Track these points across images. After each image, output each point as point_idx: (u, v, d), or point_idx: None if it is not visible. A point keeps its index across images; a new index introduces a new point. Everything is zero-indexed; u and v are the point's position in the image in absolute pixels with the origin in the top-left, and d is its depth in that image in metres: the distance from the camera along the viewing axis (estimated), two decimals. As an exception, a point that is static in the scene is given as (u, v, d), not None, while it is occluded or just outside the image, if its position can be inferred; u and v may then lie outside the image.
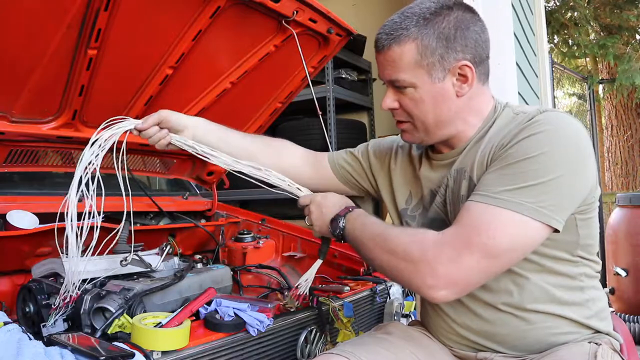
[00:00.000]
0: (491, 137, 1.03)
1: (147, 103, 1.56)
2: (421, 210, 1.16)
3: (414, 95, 1.02)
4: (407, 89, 1.02)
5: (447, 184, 1.08)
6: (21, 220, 1.44)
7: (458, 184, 1.05)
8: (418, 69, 1.00)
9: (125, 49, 1.35)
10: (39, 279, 1.19)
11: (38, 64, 1.27)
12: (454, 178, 1.07)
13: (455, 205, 1.05)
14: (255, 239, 1.91)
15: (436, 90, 1.01)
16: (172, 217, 1.95)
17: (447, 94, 1.01)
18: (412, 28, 0.99)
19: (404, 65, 1.00)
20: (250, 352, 1.13)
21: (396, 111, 1.08)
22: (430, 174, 1.14)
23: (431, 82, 1.00)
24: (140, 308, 1.13)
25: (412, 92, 1.02)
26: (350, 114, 4.18)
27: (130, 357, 0.89)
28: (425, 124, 1.05)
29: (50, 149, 1.61)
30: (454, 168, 1.07)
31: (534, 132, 0.93)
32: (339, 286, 1.45)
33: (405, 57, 1.00)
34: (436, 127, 1.05)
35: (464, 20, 1.00)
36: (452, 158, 1.09)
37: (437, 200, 1.11)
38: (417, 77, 1.00)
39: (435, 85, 1.01)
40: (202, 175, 2.09)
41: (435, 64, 0.99)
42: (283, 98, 1.88)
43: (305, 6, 1.48)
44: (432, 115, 1.03)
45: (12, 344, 0.83)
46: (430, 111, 1.03)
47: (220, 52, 1.57)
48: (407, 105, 1.04)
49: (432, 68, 0.99)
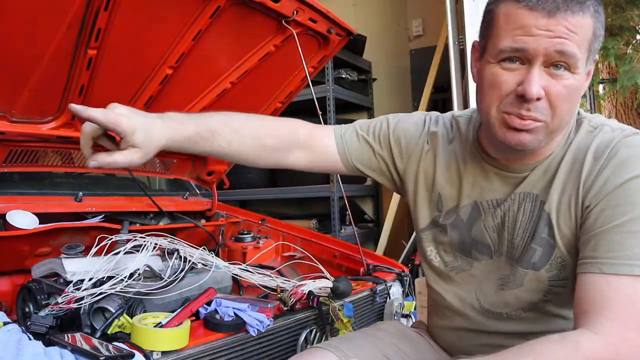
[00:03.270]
0: (572, 164, 0.87)
1: (147, 103, 1.56)
2: (455, 220, 1.00)
3: (571, 82, 0.80)
4: (564, 72, 0.79)
5: (509, 207, 0.93)
6: (21, 220, 1.44)
7: (526, 213, 0.91)
8: (586, 51, 0.80)
9: (125, 49, 1.35)
10: (39, 279, 1.19)
11: (38, 64, 1.27)
12: (517, 203, 0.92)
13: (509, 237, 0.93)
14: (255, 239, 1.91)
15: (582, 84, 0.82)
16: (172, 217, 1.95)
17: (582, 92, 0.83)
18: (588, 1, 0.78)
19: (580, 39, 0.78)
20: (250, 352, 1.12)
21: (535, 104, 0.81)
22: (483, 182, 0.96)
23: (584, 72, 0.82)
24: (140, 308, 1.13)
25: (569, 77, 0.80)
26: (350, 114, 4.18)
27: (130, 357, 0.89)
28: (561, 124, 0.84)
29: (50, 149, 1.61)
30: (519, 191, 0.92)
31: (636, 173, 0.79)
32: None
33: (584, 30, 0.78)
34: (560, 131, 0.86)
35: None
36: (519, 174, 0.92)
37: (488, 221, 0.96)
38: (583, 60, 0.80)
39: (582, 77, 0.82)
40: (202, 175, 2.09)
41: (593, 53, 0.81)
42: (283, 98, 1.88)
43: (305, 6, 1.48)
44: (570, 115, 0.84)
45: (12, 344, 0.83)
46: (574, 108, 0.84)
47: (220, 52, 1.57)
48: (558, 94, 0.80)
49: (590, 56, 0.81)
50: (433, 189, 1.04)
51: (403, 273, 1.69)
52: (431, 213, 1.05)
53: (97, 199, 1.76)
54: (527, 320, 0.97)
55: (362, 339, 1.08)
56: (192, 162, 2.03)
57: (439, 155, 1.03)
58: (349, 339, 1.08)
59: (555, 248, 0.90)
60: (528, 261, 0.93)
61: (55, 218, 1.51)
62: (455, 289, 1.05)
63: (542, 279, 0.92)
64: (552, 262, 0.91)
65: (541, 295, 0.94)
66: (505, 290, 0.97)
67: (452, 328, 1.07)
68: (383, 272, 1.67)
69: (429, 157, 1.05)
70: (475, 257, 1.01)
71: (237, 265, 1.44)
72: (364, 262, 1.71)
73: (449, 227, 1.02)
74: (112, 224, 1.57)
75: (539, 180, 0.91)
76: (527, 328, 0.97)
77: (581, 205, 0.85)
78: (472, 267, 1.02)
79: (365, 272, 1.68)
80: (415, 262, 3.10)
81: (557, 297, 0.94)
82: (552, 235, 0.89)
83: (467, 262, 1.03)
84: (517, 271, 0.95)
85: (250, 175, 3.90)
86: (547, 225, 0.89)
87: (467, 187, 0.99)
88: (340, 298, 1.33)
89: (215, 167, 2.05)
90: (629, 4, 4.24)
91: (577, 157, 0.87)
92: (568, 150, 0.89)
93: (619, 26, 4.58)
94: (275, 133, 1.06)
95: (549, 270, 0.92)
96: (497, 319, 1.00)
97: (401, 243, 3.44)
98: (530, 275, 0.93)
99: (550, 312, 0.96)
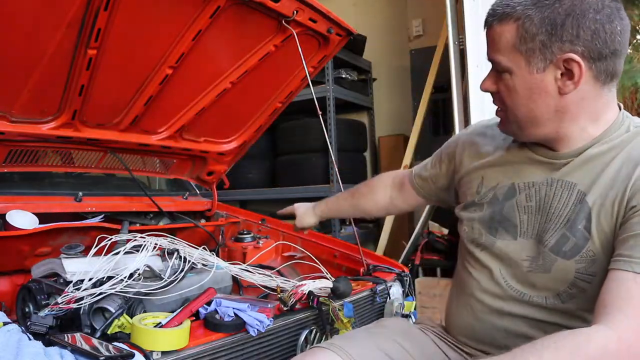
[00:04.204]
0: (623, 163, 0.90)
1: (147, 103, 1.56)
2: (492, 198, 1.05)
3: (509, 82, 0.93)
4: (504, 74, 0.94)
5: (540, 190, 0.98)
6: (21, 220, 1.44)
7: (562, 200, 0.95)
8: (515, 53, 0.90)
9: (125, 48, 1.35)
10: (39, 279, 1.19)
11: (38, 64, 1.27)
12: (554, 189, 0.96)
13: (542, 220, 0.97)
14: (255, 239, 1.91)
15: (533, 82, 0.91)
16: (172, 217, 1.95)
17: (546, 88, 0.90)
18: (517, 7, 0.89)
19: (502, 46, 0.92)
20: (250, 352, 1.12)
21: (495, 96, 0.99)
22: (521, 166, 1.02)
23: (529, 71, 0.90)
24: (140, 308, 1.13)
25: (507, 78, 0.93)
26: (350, 114, 4.18)
27: (130, 357, 0.89)
28: (517, 118, 0.96)
29: (50, 149, 1.61)
30: (557, 177, 0.96)
31: None
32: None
33: (504, 38, 0.91)
34: (529, 124, 0.95)
35: (584, 6, 0.86)
36: (555, 160, 0.97)
37: (520, 200, 1.01)
38: (514, 62, 0.91)
39: (533, 76, 0.90)
40: (202, 175, 2.09)
41: (534, 52, 0.89)
42: (283, 98, 1.87)
43: (305, 6, 1.48)
44: (525, 110, 0.93)
45: (11, 344, 0.83)
46: (522, 104, 0.93)
47: (220, 52, 1.57)
48: (502, 91, 0.96)
49: (531, 55, 0.89)
50: (476, 173, 1.11)
51: (403, 273, 1.69)
52: (472, 194, 1.10)
53: (97, 199, 1.76)
54: (549, 310, 0.98)
55: (363, 337, 1.08)
56: (192, 162, 2.03)
57: (481, 145, 1.13)
58: (350, 337, 1.08)
59: (589, 241, 0.91)
60: (559, 248, 0.95)
61: (55, 218, 1.51)
62: (481, 267, 1.07)
63: (570, 269, 0.94)
64: (583, 255, 0.92)
65: (566, 287, 0.95)
66: (533, 273, 0.99)
67: (473, 309, 1.08)
68: (383, 272, 1.67)
69: (472, 148, 1.15)
70: (501, 235, 1.03)
71: (237, 265, 1.44)
72: (364, 262, 1.71)
73: (486, 204, 1.07)
74: (112, 224, 1.57)
75: (580, 171, 0.94)
76: (546, 318, 0.98)
77: (625, 204, 0.87)
78: (494, 245, 1.04)
79: (365, 272, 1.68)
80: (415, 262, 3.10)
81: (582, 294, 0.94)
82: (589, 229, 0.91)
83: (490, 240, 1.05)
84: (546, 255, 0.97)
85: (250, 175, 3.90)
86: (586, 218, 0.91)
87: (508, 170, 1.04)
88: (340, 298, 1.33)
89: (215, 167, 2.05)
90: (629, 3, 4.24)
91: (632, 159, 0.89)
92: (622, 151, 0.91)
93: (619, 26, 4.58)
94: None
95: (578, 262, 0.93)
96: (519, 301, 1.01)
97: (401, 243, 3.44)
98: (559, 263, 0.95)
99: (573, 310, 0.96)
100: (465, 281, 1.12)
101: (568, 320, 0.96)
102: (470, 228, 1.10)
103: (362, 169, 4.03)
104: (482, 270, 1.07)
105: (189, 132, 1.80)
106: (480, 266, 1.08)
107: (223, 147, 1.96)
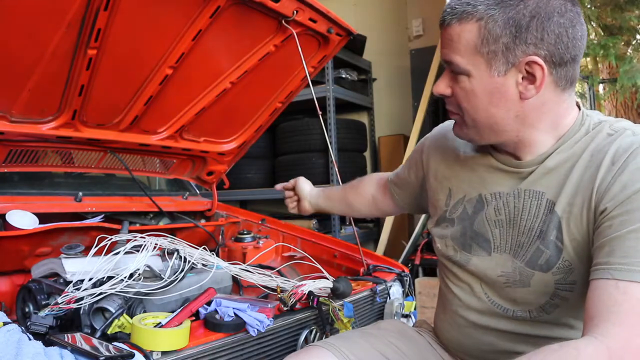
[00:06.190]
0: (586, 167, 0.87)
1: (147, 103, 1.56)
2: (462, 213, 1.02)
3: (467, 85, 0.89)
4: (461, 76, 0.89)
5: (509, 203, 0.95)
6: (21, 220, 1.44)
7: (532, 211, 0.92)
8: (476, 55, 0.86)
9: (125, 48, 1.35)
10: (39, 279, 1.19)
11: (38, 64, 1.27)
12: (523, 200, 0.93)
13: (514, 234, 0.94)
14: (255, 239, 1.91)
15: (493, 85, 0.87)
16: (172, 217, 1.95)
17: (507, 92, 0.87)
18: (479, 6, 0.85)
19: (461, 47, 0.87)
20: (250, 352, 1.12)
21: (448, 99, 0.95)
22: (487, 175, 0.99)
23: (489, 74, 0.86)
24: (140, 308, 1.13)
25: (465, 80, 0.89)
26: (350, 113, 4.18)
27: (130, 357, 0.89)
28: (476, 122, 0.92)
29: (50, 149, 1.61)
30: (523, 187, 0.93)
31: None
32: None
33: (464, 39, 0.86)
34: (488, 129, 0.91)
35: (549, 8, 0.83)
36: (520, 169, 0.94)
37: (490, 213, 0.97)
38: (474, 64, 0.87)
39: (493, 79, 0.86)
40: (202, 175, 2.09)
41: (497, 54, 0.85)
42: (283, 98, 1.87)
43: (305, 6, 1.48)
44: (484, 114, 0.89)
45: (11, 344, 0.83)
46: (482, 108, 0.89)
47: (220, 52, 1.57)
48: (458, 94, 0.91)
49: (492, 58, 0.85)
50: (443, 183, 1.08)
51: (403, 273, 1.69)
52: (442, 207, 1.08)
53: (97, 199, 1.76)
54: (534, 323, 0.97)
55: (360, 337, 1.08)
56: (192, 162, 2.03)
57: (445, 150, 1.10)
58: (346, 337, 1.08)
59: (563, 251, 0.89)
60: (535, 262, 0.92)
61: (55, 218, 1.52)
62: (461, 283, 1.05)
63: (549, 282, 0.92)
64: (559, 266, 0.90)
65: (548, 298, 0.94)
66: (511, 288, 0.97)
67: (458, 325, 1.07)
68: (383, 272, 1.67)
69: (437, 154, 1.13)
70: (475, 252, 1.01)
71: (237, 265, 1.44)
72: (364, 262, 1.71)
73: (457, 219, 1.03)
74: (112, 224, 1.57)
75: (546, 178, 0.91)
76: (532, 331, 0.97)
77: (594, 209, 0.84)
78: (469, 263, 1.02)
79: (365, 272, 1.68)
80: (415, 262, 3.10)
81: (565, 303, 0.93)
82: (561, 239, 0.88)
83: (465, 257, 1.03)
84: (523, 270, 0.95)
85: (250, 175, 3.91)
86: (557, 229, 0.89)
87: (473, 180, 1.01)
88: (340, 298, 1.33)
89: (215, 167, 2.05)
90: (629, 4, 4.24)
91: (594, 160, 0.86)
92: (584, 153, 0.88)
93: (619, 26, 4.59)
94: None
95: (556, 274, 0.91)
96: (503, 317, 0.99)
97: (401, 243, 3.45)
98: (537, 277, 0.93)
99: (558, 319, 0.95)
100: (447, 297, 1.10)
101: (555, 330, 0.95)
102: (444, 246, 1.07)
103: (362, 169, 4.03)
104: (462, 286, 1.05)
105: (189, 132, 1.81)
106: (459, 281, 1.05)
107: (223, 147, 1.97)
